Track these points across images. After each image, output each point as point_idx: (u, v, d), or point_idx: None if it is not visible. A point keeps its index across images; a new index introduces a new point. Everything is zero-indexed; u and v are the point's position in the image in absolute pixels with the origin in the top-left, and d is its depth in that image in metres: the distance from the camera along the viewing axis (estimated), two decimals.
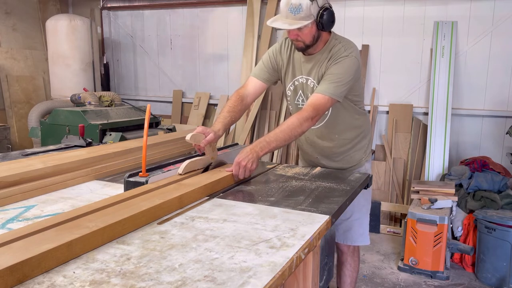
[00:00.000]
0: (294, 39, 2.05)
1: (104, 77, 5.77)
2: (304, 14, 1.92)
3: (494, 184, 3.51)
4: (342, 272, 2.48)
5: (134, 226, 1.28)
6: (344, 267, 2.46)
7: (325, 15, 1.96)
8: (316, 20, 1.97)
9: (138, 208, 1.32)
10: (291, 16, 1.94)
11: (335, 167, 2.28)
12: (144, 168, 1.70)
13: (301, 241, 1.23)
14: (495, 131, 4.13)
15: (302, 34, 2.00)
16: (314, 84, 2.14)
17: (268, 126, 4.88)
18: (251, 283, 0.98)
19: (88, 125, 3.38)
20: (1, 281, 0.89)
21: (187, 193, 1.54)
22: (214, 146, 1.98)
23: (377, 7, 4.41)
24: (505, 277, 3.11)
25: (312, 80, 2.14)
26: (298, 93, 2.24)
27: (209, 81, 5.38)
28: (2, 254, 0.98)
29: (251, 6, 4.86)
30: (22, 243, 1.05)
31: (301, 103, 2.22)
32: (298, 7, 1.91)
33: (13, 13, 5.46)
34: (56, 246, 1.03)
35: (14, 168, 1.69)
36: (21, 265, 0.94)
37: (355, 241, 2.36)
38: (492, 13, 4.00)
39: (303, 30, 1.98)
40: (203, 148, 1.93)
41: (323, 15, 1.96)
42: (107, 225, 1.18)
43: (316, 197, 1.67)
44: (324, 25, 1.98)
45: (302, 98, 2.23)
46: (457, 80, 4.18)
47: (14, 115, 5.29)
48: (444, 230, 3.20)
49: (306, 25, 1.95)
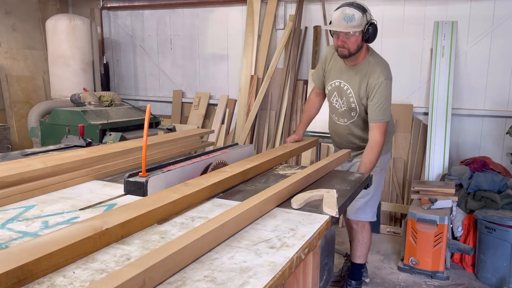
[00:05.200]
0: (341, 45, 2.39)
1: (104, 77, 5.76)
2: (356, 24, 2.30)
3: (494, 184, 3.51)
4: (352, 246, 2.90)
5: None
6: (353, 242, 2.88)
7: (371, 29, 2.35)
8: (363, 31, 2.34)
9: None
10: (343, 24, 2.30)
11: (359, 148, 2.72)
12: (144, 168, 1.70)
13: (301, 241, 1.23)
14: (495, 131, 4.13)
15: (349, 41, 2.36)
16: (350, 91, 2.55)
17: (268, 126, 4.88)
18: (251, 283, 0.98)
19: (88, 125, 3.38)
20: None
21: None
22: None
23: (377, 7, 4.40)
24: (505, 277, 3.11)
25: (348, 87, 2.56)
26: (333, 94, 2.66)
27: (209, 81, 5.38)
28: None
29: (251, 6, 4.86)
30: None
31: (335, 102, 2.68)
32: (351, 17, 2.28)
33: (13, 13, 5.46)
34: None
35: (14, 168, 1.69)
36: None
37: (362, 217, 2.75)
38: (492, 13, 4.00)
39: (350, 38, 2.34)
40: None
41: (369, 29, 2.34)
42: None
43: None
44: (369, 37, 2.37)
45: (336, 98, 2.66)
46: (457, 80, 4.18)
47: (14, 115, 5.29)
48: (444, 230, 3.20)
49: (356, 32, 2.32)
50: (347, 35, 2.33)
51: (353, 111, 2.62)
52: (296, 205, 1.55)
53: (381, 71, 2.43)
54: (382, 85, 2.41)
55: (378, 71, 2.42)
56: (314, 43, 4.68)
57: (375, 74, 2.42)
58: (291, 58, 4.70)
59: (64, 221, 1.38)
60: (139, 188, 1.65)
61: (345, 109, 2.65)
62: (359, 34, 2.34)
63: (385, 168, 2.85)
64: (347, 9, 2.30)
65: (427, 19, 4.23)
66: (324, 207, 1.52)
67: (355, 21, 2.28)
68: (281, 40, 4.74)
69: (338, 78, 2.59)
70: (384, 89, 2.42)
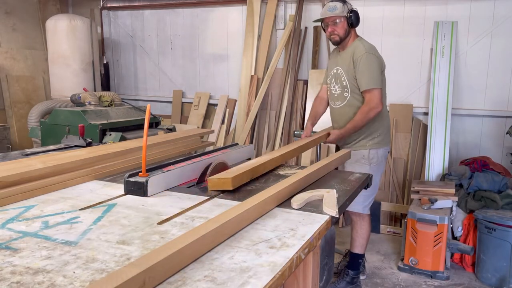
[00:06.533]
0: (332, 32, 2.83)
1: (104, 77, 5.76)
2: (339, 12, 2.78)
3: (494, 184, 3.51)
4: (351, 236, 3.11)
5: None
6: (352, 232, 3.11)
7: (353, 15, 2.80)
8: (347, 17, 2.79)
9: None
10: (329, 13, 2.81)
11: (349, 142, 2.96)
12: (144, 168, 1.70)
13: (301, 241, 1.23)
14: (495, 131, 4.12)
15: (337, 28, 2.81)
16: (341, 72, 2.89)
17: (268, 126, 4.88)
18: (251, 283, 0.98)
19: (88, 125, 3.38)
20: None
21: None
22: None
23: (377, 7, 4.40)
24: (505, 277, 3.11)
25: (341, 69, 2.90)
26: (332, 81, 2.99)
27: (209, 81, 5.38)
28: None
29: (251, 6, 4.86)
30: None
31: (332, 87, 2.99)
32: (334, 7, 2.79)
33: (13, 13, 5.46)
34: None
35: (14, 168, 1.69)
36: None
37: (354, 208, 2.94)
38: (492, 13, 4.00)
39: (338, 25, 2.80)
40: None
41: (351, 15, 2.80)
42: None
43: None
44: (353, 22, 2.81)
45: (333, 84, 2.97)
46: (457, 80, 4.17)
47: (14, 115, 5.29)
48: (444, 230, 3.20)
49: (341, 18, 2.78)
50: (334, 23, 2.80)
51: (345, 91, 2.89)
52: (296, 205, 1.55)
53: (363, 46, 2.80)
54: (364, 56, 2.75)
55: (361, 47, 2.80)
56: (314, 43, 4.68)
57: (358, 49, 2.80)
58: (291, 58, 4.70)
59: (64, 221, 1.38)
60: (139, 188, 1.65)
61: (339, 92, 2.93)
62: (344, 20, 2.80)
63: (381, 163, 2.97)
64: (330, 3, 2.82)
65: (427, 19, 4.23)
66: (324, 207, 1.52)
67: (338, 10, 2.78)
68: (281, 40, 4.74)
69: (335, 66, 2.97)
70: (367, 59, 2.75)
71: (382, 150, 2.94)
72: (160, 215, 1.44)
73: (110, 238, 1.23)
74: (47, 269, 1.03)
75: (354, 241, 3.08)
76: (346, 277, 3.08)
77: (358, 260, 3.10)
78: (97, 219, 1.40)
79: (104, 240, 1.22)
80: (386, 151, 2.99)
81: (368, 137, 2.91)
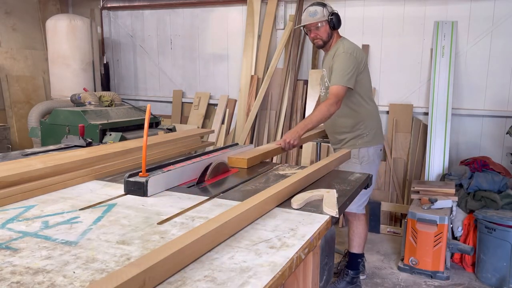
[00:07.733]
0: (315, 37, 2.86)
1: (104, 77, 5.76)
2: (319, 16, 2.81)
3: (494, 184, 3.51)
4: (348, 236, 3.14)
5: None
6: (349, 232, 3.13)
7: (334, 17, 2.82)
8: (328, 20, 2.81)
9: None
10: (310, 19, 2.83)
11: (339, 142, 2.99)
12: (144, 168, 1.70)
13: (301, 241, 1.23)
14: (495, 131, 4.13)
15: (319, 32, 2.84)
16: (325, 74, 2.91)
17: (268, 126, 4.87)
18: (251, 283, 0.98)
19: (88, 125, 3.38)
20: None
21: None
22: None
23: (377, 7, 4.40)
24: (505, 277, 3.11)
25: (325, 71, 2.92)
26: (320, 83, 3.06)
27: (209, 81, 5.38)
28: None
29: (251, 6, 4.86)
30: None
31: (321, 92, 3.03)
32: (314, 12, 2.81)
33: (13, 13, 5.46)
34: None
35: (14, 168, 1.69)
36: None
37: (352, 209, 2.97)
38: (492, 13, 4.00)
39: (320, 29, 2.83)
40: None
41: (332, 18, 2.81)
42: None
43: None
44: (335, 24, 2.83)
45: (321, 87, 3.02)
46: (457, 80, 4.17)
47: (14, 115, 5.29)
48: (444, 230, 3.20)
49: (322, 22, 2.81)
50: (316, 27, 2.83)
51: (328, 91, 2.86)
52: (296, 205, 1.55)
53: (343, 46, 2.81)
54: (341, 55, 2.76)
55: (341, 47, 2.81)
56: None
57: (338, 50, 2.81)
58: (291, 58, 4.70)
59: (64, 221, 1.38)
60: (139, 188, 1.65)
61: (324, 93, 2.96)
62: (325, 24, 2.82)
63: (373, 162, 2.95)
64: (310, 8, 2.84)
65: (427, 19, 4.23)
66: (324, 207, 1.52)
67: (319, 14, 2.80)
68: (281, 40, 4.74)
69: (322, 68, 3.00)
70: (342, 58, 2.74)
71: (373, 148, 2.93)
72: (160, 215, 1.44)
73: (110, 238, 1.23)
74: (47, 269, 1.03)
75: (352, 241, 3.10)
76: (346, 277, 3.08)
77: (357, 260, 3.11)
78: (97, 219, 1.40)
79: (104, 240, 1.22)
80: (377, 149, 2.98)
81: (356, 137, 2.92)
